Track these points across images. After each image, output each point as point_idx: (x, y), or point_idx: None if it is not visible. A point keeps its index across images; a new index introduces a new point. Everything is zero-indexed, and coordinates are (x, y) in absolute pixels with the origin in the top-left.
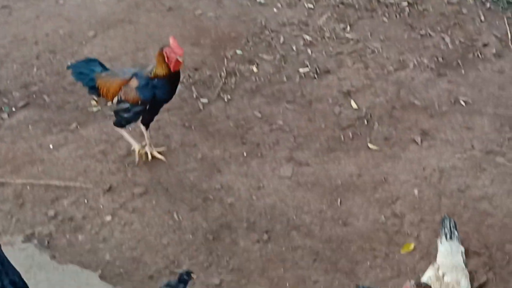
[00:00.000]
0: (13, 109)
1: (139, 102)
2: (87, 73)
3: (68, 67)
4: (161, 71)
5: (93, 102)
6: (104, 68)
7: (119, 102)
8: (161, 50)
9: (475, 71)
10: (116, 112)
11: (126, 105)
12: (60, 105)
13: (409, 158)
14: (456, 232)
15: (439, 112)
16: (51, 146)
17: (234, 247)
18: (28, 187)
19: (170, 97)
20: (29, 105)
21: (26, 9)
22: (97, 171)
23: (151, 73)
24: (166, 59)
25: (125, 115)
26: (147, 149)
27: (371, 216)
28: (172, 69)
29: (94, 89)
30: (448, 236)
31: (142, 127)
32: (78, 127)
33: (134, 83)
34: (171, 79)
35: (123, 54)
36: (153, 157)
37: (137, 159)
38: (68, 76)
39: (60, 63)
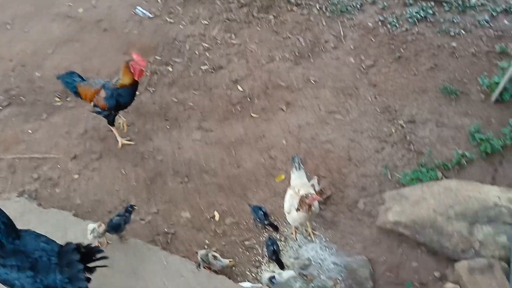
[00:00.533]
0: (0, 108)
1: (106, 108)
2: (71, 82)
3: (57, 78)
4: (127, 80)
5: (57, 99)
6: (82, 79)
7: (94, 106)
8: (127, 63)
9: (320, 59)
10: (93, 112)
11: (98, 109)
12: (33, 102)
13: (279, 120)
14: (301, 164)
15: (297, 88)
16: (30, 131)
17: (165, 187)
18: (17, 160)
19: (131, 102)
20: (11, 104)
21: (1, 37)
22: (64, 145)
23: (116, 84)
24: (132, 70)
25: (100, 115)
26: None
27: (255, 159)
28: (137, 77)
29: (77, 94)
30: (297, 168)
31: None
32: (48, 116)
33: (103, 93)
34: (133, 87)
35: (73, 63)
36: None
37: (120, 146)
38: (37, 81)
39: (29, 73)
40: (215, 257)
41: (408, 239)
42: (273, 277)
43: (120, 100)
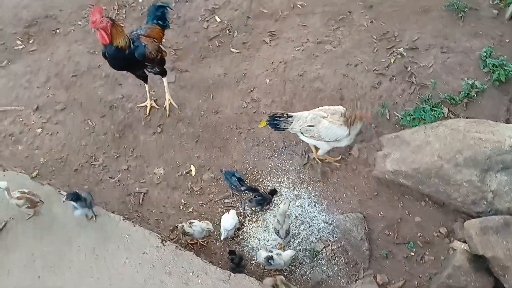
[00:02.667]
0: None
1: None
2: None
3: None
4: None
5: (18, 42)
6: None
7: None
8: None
9: None
10: None
11: None
12: None
13: (262, 56)
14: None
15: (282, 16)
16: None
17: (136, 141)
18: None
19: (116, 67)
20: None
21: None
22: (25, 96)
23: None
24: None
25: None
26: (147, 103)
27: (236, 103)
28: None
29: None
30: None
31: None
32: (8, 63)
33: None
34: (109, 52)
35: (34, 1)
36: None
37: (148, 111)
38: None
39: None
40: (190, 224)
41: (410, 190)
42: (271, 257)
43: (106, 53)
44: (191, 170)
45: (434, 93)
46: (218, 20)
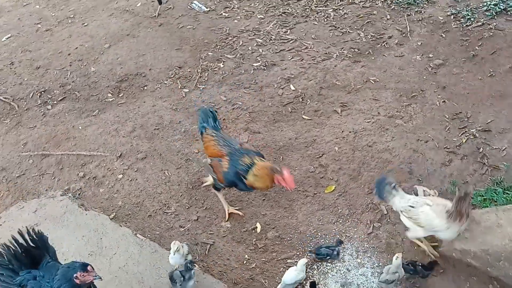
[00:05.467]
0: (55, 102)
1: (222, 183)
2: (201, 122)
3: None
4: (260, 185)
5: (109, 94)
6: (215, 125)
7: (210, 167)
8: (272, 172)
9: (382, 57)
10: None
11: (214, 175)
12: (86, 97)
13: (332, 124)
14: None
15: (355, 89)
16: (80, 127)
17: (207, 193)
18: (65, 157)
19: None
20: (65, 99)
21: (62, 31)
22: (112, 143)
23: (246, 173)
24: (275, 181)
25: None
26: (227, 209)
27: (304, 167)
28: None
29: (202, 135)
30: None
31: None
32: (99, 112)
33: (225, 165)
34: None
35: (128, 59)
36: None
37: (227, 216)
38: (92, 76)
39: (85, 68)
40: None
41: (478, 271)
42: None
43: (237, 184)
44: (256, 227)
45: (506, 176)
46: (293, 88)
